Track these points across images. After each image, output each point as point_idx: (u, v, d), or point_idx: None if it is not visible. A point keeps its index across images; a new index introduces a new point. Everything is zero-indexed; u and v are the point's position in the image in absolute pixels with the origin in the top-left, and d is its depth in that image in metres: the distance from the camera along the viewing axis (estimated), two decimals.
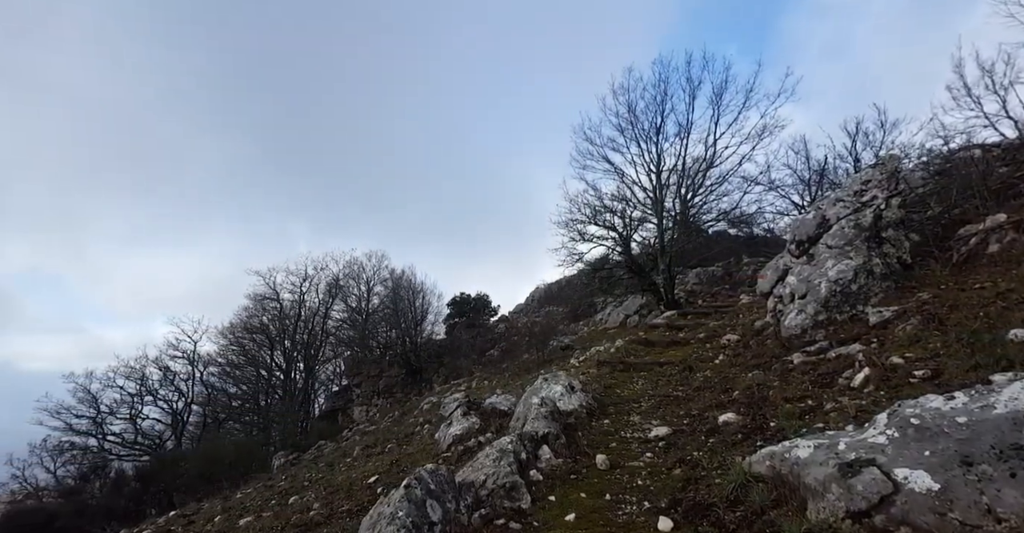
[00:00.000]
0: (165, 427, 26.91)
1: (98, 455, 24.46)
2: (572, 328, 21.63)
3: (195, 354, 28.54)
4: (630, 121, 17.17)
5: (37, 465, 23.41)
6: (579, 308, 25.52)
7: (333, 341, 32.18)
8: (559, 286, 34.22)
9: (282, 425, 26.07)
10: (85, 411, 24.80)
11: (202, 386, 28.58)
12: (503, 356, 21.89)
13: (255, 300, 30.90)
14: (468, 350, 26.09)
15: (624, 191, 17.77)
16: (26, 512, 16.70)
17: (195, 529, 9.38)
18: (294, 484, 10.70)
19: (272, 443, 23.37)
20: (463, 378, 20.35)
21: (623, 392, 8.20)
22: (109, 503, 16.47)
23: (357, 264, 32.02)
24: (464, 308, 32.24)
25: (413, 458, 9.01)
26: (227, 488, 14.26)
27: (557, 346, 17.20)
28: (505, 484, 5.29)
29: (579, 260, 18.34)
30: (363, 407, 27.44)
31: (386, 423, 17.32)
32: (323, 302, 31.72)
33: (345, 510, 7.17)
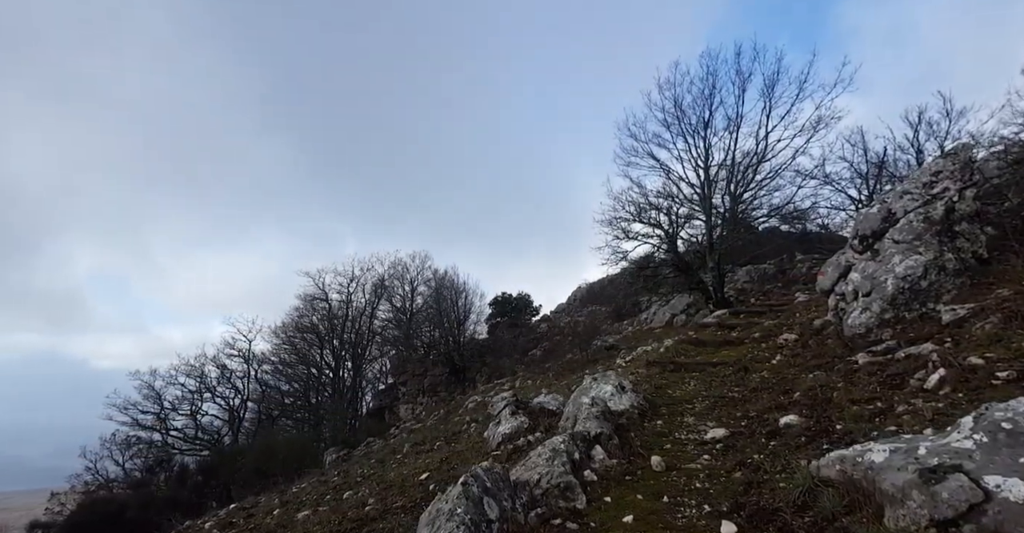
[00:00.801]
0: (223, 423, 28.20)
1: (162, 449, 25.86)
2: (616, 328, 21.36)
3: (250, 353, 29.81)
4: (676, 116, 16.82)
5: (107, 458, 24.99)
6: (623, 307, 25.19)
7: (379, 340, 32.95)
8: (601, 285, 33.89)
9: (332, 422, 26.86)
10: (150, 407, 26.30)
11: (257, 384, 29.79)
12: (546, 356, 21.85)
13: (305, 300, 32.00)
14: (510, 350, 26.19)
15: (670, 188, 17.41)
16: (99, 502, 17.84)
17: (255, 522, 9.75)
18: (347, 480, 10.97)
19: (323, 439, 24.09)
20: (506, 378, 20.40)
21: (675, 393, 8.03)
22: (174, 495, 17.39)
23: (401, 265, 32.70)
24: (506, 308, 32.40)
25: (462, 456, 9.08)
26: (282, 482, 14.77)
27: (601, 346, 17.02)
28: (559, 484, 5.27)
29: (623, 259, 18.11)
30: (409, 405, 27.95)
31: (432, 421, 17.54)
32: (369, 302, 32.54)
33: (399, 506, 7.29)
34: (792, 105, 15.91)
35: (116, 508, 16.45)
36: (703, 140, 16.59)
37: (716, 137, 16.76)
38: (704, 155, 16.67)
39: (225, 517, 11.29)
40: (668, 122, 17.07)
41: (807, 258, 18.94)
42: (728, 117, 16.57)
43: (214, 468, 18.83)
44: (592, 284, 36.60)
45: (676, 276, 17.61)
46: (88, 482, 23.52)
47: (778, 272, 19.10)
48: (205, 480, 18.49)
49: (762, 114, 16.23)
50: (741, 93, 16.33)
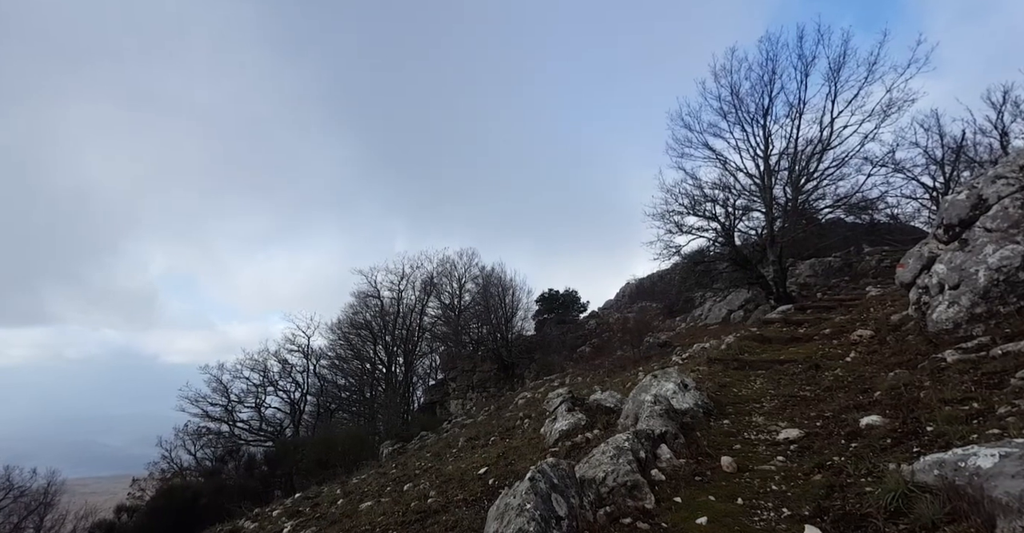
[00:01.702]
0: (285, 415, 29.48)
1: (230, 440, 27.31)
2: (668, 324, 20.88)
3: (309, 348, 31.00)
4: (733, 104, 16.23)
5: (181, 447, 26.63)
6: (675, 304, 24.59)
7: (429, 337, 33.55)
8: (651, 281, 33.20)
9: (386, 416, 27.56)
10: (218, 400, 27.83)
11: (315, 378, 30.97)
12: (595, 352, 21.62)
13: (359, 298, 32.96)
14: (559, 346, 26.13)
15: (727, 179, 16.82)
16: (176, 489, 19.03)
17: (320, 511, 10.09)
18: (406, 472, 11.18)
19: (378, 433, 24.76)
20: (555, 374, 20.34)
21: (741, 391, 7.75)
22: (242, 484, 18.32)
23: (449, 262, 33.13)
24: (553, 304, 32.31)
25: (519, 452, 9.08)
26: (342, 473, 15.27)
27: (653, 343, 16.67)
28: (626, 482, 5.17)
29: (676, 253, 17.62)
30: (459, 400, 28.35)
31: (483, 417, 17.67)
32: (419, 299, 33.18)
33: (460, 499, 7.36)
34: (860, 88, 15.05)
35: (191, 495, 17.50)
36: (762, 128, 15.93)
37: (776, 125, 16.07)
38: (763, 144, 15.99)
39: (291, 506, 11.76)
40: (724, 111, 16.49)
41: (876, 250, 17.84)
42: (789, 103, 15.87)
43: (278, 458, 19.70)
44: (641, 280, 35.90)
45: (733, 271, 16.98)
46: (164, 470, 25.12)
47: (844, 265, 18.07)
48: (271, 470, 19.38)
49: (827, 99, 15.43)
50: (804, 78, 15.58)
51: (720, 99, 16.64)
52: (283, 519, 10.49)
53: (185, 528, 14.87)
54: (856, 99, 15.09)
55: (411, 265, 33.32)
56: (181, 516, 16.39)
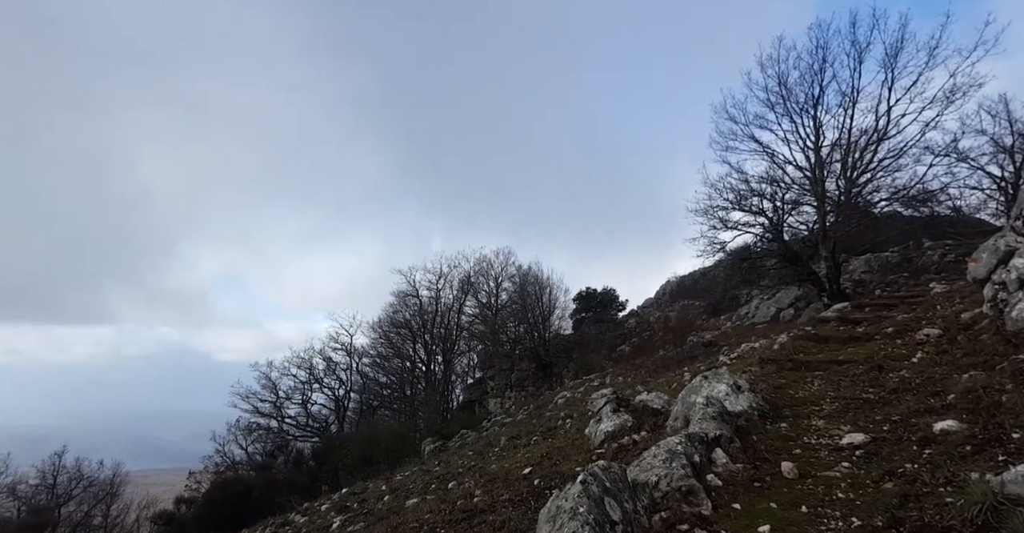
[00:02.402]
0: (330, 412, 30.28)
1: (278, 435, 28.23)
2: (712, 323, 20.32)
3: (351, 346, 31.73)
4: (781, 95, 15.60)
5: (233, 442, 27.67)
6: (720, 302, 23.90)
7: (466, 335, 33.77)
8: (693, 278, 32.42)
9: (426, 413, 27.91)
10: (267, 396, 28.79)
11: (358, 375, 31.67)
12: (636, 352, 21.26)
13: (398, 297, 33.50)
14: (597, 345, 25.85)
15: (774, 172, 16.20)
16: (229, 482, 19.82)
17: (367, 507, 10.27)
18: (449, 470, 11.25)
19: (419, 430, 25.09)
20: (595, 374, 20.12)
21: (797, 393, 7.43)
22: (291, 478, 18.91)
23: (486, 261, 33.26)
24: (590, 303, 32.00)
25: (563, 452, 8.98)
26: (386, 470, 15.52)
27: (697, 342, 16.24)
28: (681, 487, 5.02)
29: (720, 250, 17.08)
30: (497, 399, 28.42)
31: (522, 416, 17.64)
32: (456, 298, 33.45)
33: (506, 499, 7.33)
34: (920, 74, 14.18)
35: (243, 488, 18.17)
36: (812, 119, 15.25)
37: (828, 115, 15.36)
38: (814, 135, 15.30)
39: (339, 501, 12.03)
40: (772, 102, 15.87)
41: (937, 244, 16.83)
42: (842, 93, 15.12)
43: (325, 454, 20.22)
44: (683, 277, 35.09)
45: (782, 267, 16.36)
46: (218, 463, 26.18)
47: (903, 260, 17.13)
48: (318, 465, 19.92)
49: (882, 87, 14.63)
50: (857, 66, 14.82)
51: (767, 90, 16.04)
52: (332, 514, 10.74)
53: (239, 520, 15.43)
54: (915, 86, 14.24)
55: (448, 264, 33.66)
56: (235, 508, 17.04)
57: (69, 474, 22.18)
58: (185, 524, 18.32)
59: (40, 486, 21.46)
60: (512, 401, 25.81)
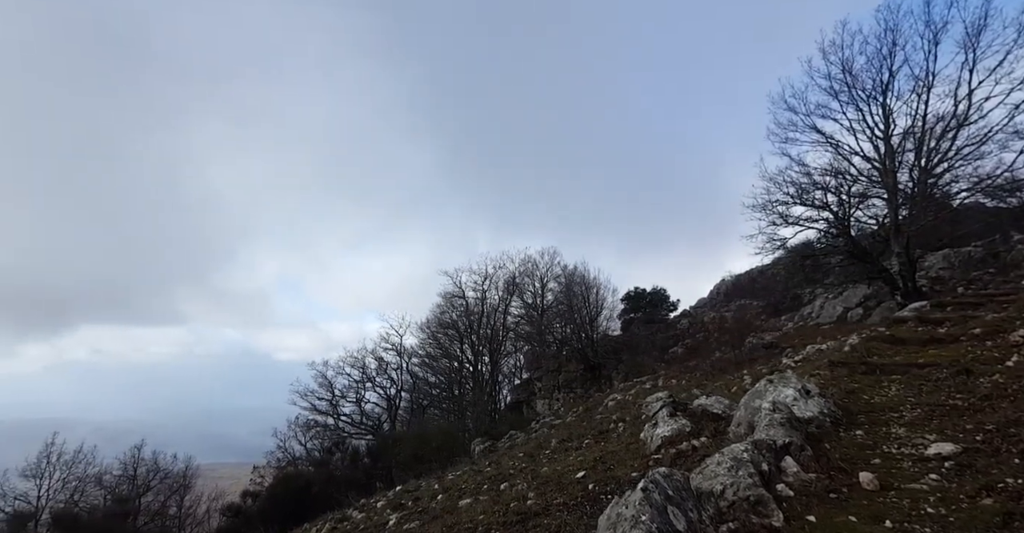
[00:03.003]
0: (382, 410, 30.99)
1: (335, 432, 29.13)
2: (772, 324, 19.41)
3: (401, 346, 32.37)
4: (845, 82, 14.69)
5: (293, 438, 28.79)
6: (780, 301, 22.83)
7: (512, 336, 33.79)
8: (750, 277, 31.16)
9: (474, 413, 28.09)
10: (324, 395, 29.77)
11: (408, 375, 32.26)
12: (689, 354, 20.62)
13: (445, 298, 33.90)
14: (647, 347, 25.28)
15: (839, 164, 15.28)
16: (291, 477, 20.61)
17: (422, 506, 10.38)
18: (500, 471, 11.22)
19: (467, 430, 25.28)
20: (646, 376, 19.72)
21: (873, 398, 6.93)
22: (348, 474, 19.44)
23: (531, 262, 33.19)
24: (639, 303, 31.33)
25: (618, 457, 8.78)
26: (437, 468, 15.69)
27: (757, 344, 15.54)
28: (748, 497, 4.75)
29: (780, 247, 16.26)
30: (545, 400, 28.25)
31: (572, 418, 17.46)
32: (502, 299, 33.53)
33: (560, 503, 7.21)
34: (1008, 53, 12.95)
35: (304, 483, 18.84)
36: (881, 106, 14.26)
37: (899, 102, 14.34)
38: (883, 123, 14.31)
39: (394, 498, 12.24)
40: (835, 90, 14.96)
41: None
42: (915, 77, 14.05)
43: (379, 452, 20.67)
44: (739, 276, 33.74)
45: (849, 264, 15.41)
46: (280, 459, 27.29)
47: (988, 255, 15.74)
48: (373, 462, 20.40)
49: (962, 69, 13.46)
50: (933, 47, 13.73)
51: (830, 77, 15.12)
52: (387, 511, 10.92)
53: (300, 514, 16.00)
54: (1002, 66, 12.96)
55: (494, 265, 33.77)
56: (296, 503, 17.69)
57: (147, 466, 23.70)
58: (251, 517, 19.17)
59: (122, 477, 23.01)
60: (560, 403, 25.59)
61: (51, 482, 21.14)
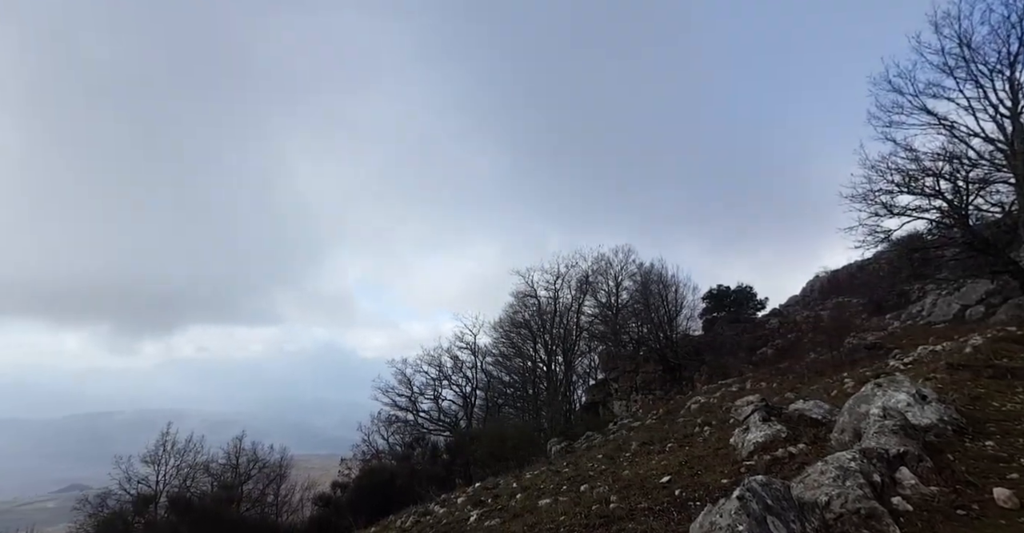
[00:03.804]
0: (459, 408, 31.67)
1: (414, 428, 30.13)
2: (875, 323, 17.85)
3: (475, 345, 32.89)
4: (963, 57, 13.14)
5: (376, 433, 30.11)
6: (884, 298, 20.89)
7: (586, 336, 33.35)
8: (848, 273, 28.83)
9: (549, 413, 28.01)
10: (403, 391, 30.88)
11: (483, 373, 32.75)
12: (780, 355, 19.44)
13: (517, 297, 34.06)
14: (732, 347, 24.19)
15: (955, 147, 13.68)
16: (376, 470, 21.58)
17: (501, 503, 10.46)
18: (579, 472, 11.11)
19: (543, 429, 25.24)
20: (732, 378, 18.98)
21: (1004, 406, 6.17)
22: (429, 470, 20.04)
23: (604, 260, 32.61)
24: (723, 301, 29.95)
25: (705, 462, 8.42)
26: (514, 467, 15.78)
27: (859, 344, 14.33)
28: (859, 510, 4.36)
29: (884, 239, 14.83)
30: (622, 402, 27.63)
31: (651, 420, 17.06)
32: (575, 298, 33.18)
33: (644, 508, 7.00)
34: None
35: (388, 477, 19.65)
36: (1007, 81, 12.62)
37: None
38: (1010, 100, 12.63)
39: (473, 495, 12.43)
40: (950, 66, 13.38)
41: None
42: None
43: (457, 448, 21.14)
44: (835, 272, 31.27)
45: (967, 257, 13.79)
46: (364, 452, 28.62)
47: None
48: (452, 458, 20.89)
49: None
50: None
51: (943, 52, 13.50)
52: (468, 507, 11.11)
53: (384, 506, 16.67)
54: None
55: (566, 264, 33.44)
56: (380, 495, 18.47)
57: (247, 456, 25.63)
58: (340, 507, 20.25)
59: (226, 465, 25.03)
60: (639, 404, 24.95)
61: (167, 468, 23.38)
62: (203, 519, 18.56)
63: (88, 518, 21.30)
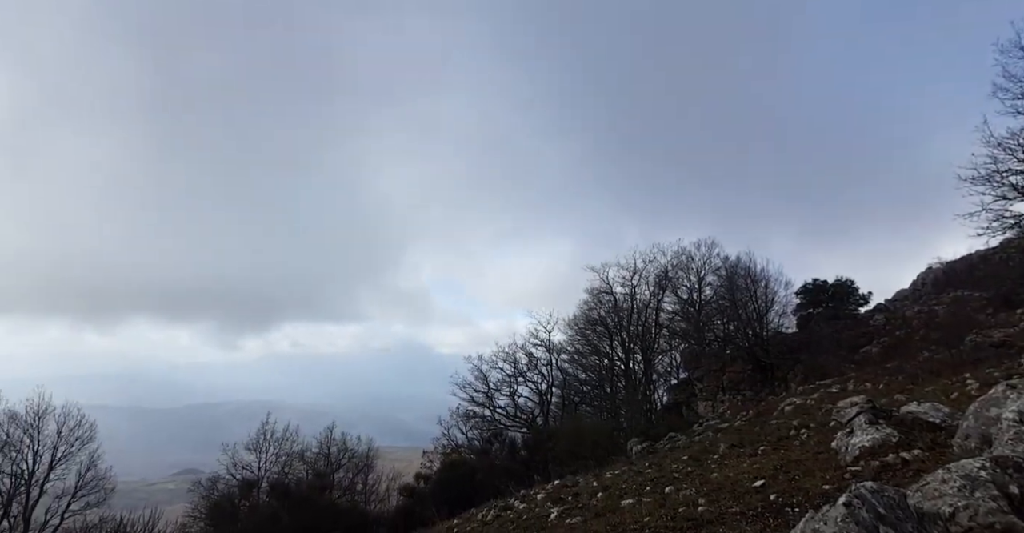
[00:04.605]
0: (535, 404, 31.70)
1: (491, 423, 30.54)
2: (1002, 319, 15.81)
3: (550, 342, 32.74)
4: None
5: (455, 427, 30.76)
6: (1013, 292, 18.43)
7: (667, 333, 32.19)
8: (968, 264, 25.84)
9: (629, 412, 27.35)
10: (480, 387, 31.35)
11: (558, 371, 32.56)
12: (887, 354, 17.86)
13: (592, 294, 33.44)
14: (831, 346, 22.52)
15: None
16: (456, 464, 22.14)
17: (581, 502, 10.34)
18: (662, 473, 10.77)
19: (622, 429, 24.69)
20: (831, 379, 17.92)
21: None
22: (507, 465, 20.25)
23: (685, 254, 31.28)
24: (819, 296, 27.94)
25: (803, 466, 7.88)
26: (593, 466, 15.55)
27: (982, 343, 12.76)
28: (992, 524, 3.87)
29: (1014, 225, 13.10)
30: (707, 402, 26.50)
31: (740, 422, 16.29)
32: (654, 294, 32.09)
33: (736, 512, 6.66)
34: None
35: (468, 470, 20.10)
36: None
37: None
38: None
39: (552, 492, 12.39)
40: None
41: None
42: None
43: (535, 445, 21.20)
44: (952, 263, 28.02)
45: None
46: (445, 445, 29.40)
47: None
48: (530, 455, 20.98)
49: None
50: None
51: None
52: (548, 504, 11.08)
53: (465, 499, 17.06)
54: None
55: (643, 259, 32.35)
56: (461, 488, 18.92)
57: (337, 446, 27.19)
58: (424, 497, 21.00)
59: (319, 454, 26.69)
60: (726, 405, 23.80)
61: (267, 455, 25.39)
62: (300, 505, 19.91)
63: (201, 499, 23.60)
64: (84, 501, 22.32)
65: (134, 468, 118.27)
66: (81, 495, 22.32)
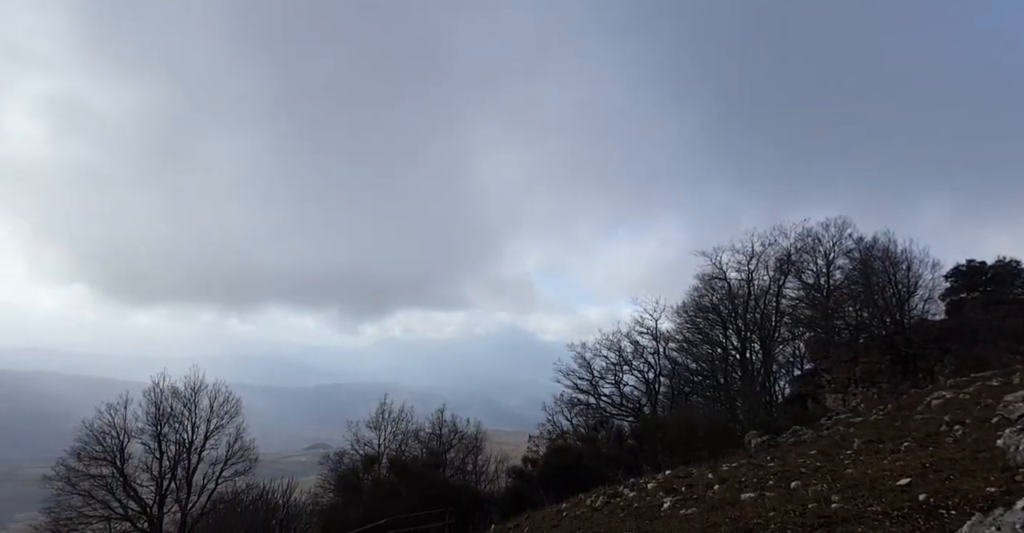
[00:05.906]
0: (641, 394, 30.96)
1: (596, 411, 30.32)
2: None
3: (656, 330, 31.68)
4: None
5: (559, 413, 30.96)
6: None
7: (789, 321, 29.85)
8: None
9: (745, 404, 25.79)
10: (584, 375, 31.21)
11: (666, 360, 31.46)
12: None
13: (703, 280, 31.83)
14: (989, 335, 19.69)
15: None
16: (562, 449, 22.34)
17: (696, 493, 9.95)
18: (786, 467, 10.10)
19: (738, 421, 23.36)
20: (990, 371, 15.74)
21: None
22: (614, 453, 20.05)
23: (811, 235, 28.67)
24: (975, 280, 24.37)
25: (959, 466, 6.98)
26: (707, 457, 14.89)
27: None
28: None
29: None
30: (838, 395, 24.26)
31: (876, 416, 14.83)
32: (774, 279, 29.87)
33: (877, 511, 6.04)
34: None
35: (575, 456, 20.18)
36: None
37: None
38: None
39: (664, 481, 12.05)
40: None
41: None
42: None
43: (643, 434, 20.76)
44: None
45: None
46: (550, 431, 29.76)
47: None
48: (639, 443, 20.59)
49: None
50: None
51: None
52: (660, 493, 10.80)
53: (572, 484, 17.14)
54: None
55: (762, 242, 30.05)
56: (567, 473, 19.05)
57: (448, 427, 28.54)
58: (531, 480, 21.46)
59: (432, 435, 28.22)
60: (859, 398, 21.65)
61: (385, 434, 27.31)
62: (417, 481, 21.27)
63: (330, 472, 26.11)
64: (233, 469, 25.44)
65: (272, 441, 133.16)
66: (231, 463, 25.45)
